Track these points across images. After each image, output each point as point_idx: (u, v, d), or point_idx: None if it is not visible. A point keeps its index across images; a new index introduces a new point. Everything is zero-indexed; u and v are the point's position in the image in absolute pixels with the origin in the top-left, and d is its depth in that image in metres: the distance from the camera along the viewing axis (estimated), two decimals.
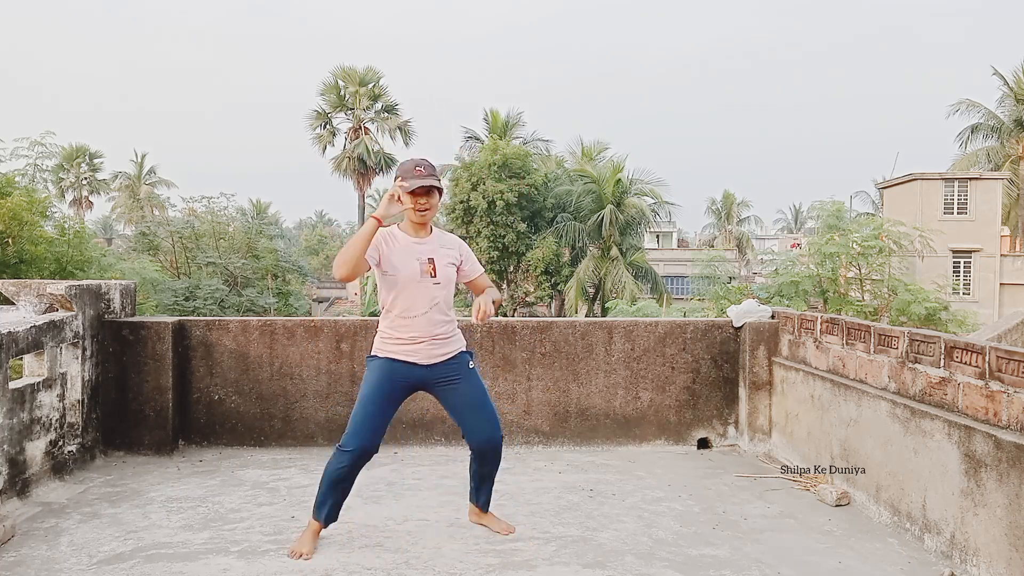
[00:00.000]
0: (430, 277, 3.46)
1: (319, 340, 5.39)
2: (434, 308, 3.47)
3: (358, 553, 3.52)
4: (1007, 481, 3.13)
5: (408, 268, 3.43)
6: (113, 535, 3.72)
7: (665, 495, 4.46)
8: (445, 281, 3.50)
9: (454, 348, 3.58)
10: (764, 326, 5.54)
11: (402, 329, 3.47)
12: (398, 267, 3.43)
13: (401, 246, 3.47)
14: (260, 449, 5.33)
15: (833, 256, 20.21)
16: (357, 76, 41.22)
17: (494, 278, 31.01)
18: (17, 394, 4.20)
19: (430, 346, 3.49)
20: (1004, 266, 30.31)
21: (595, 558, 3.52)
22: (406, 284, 3.43)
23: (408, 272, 3.43)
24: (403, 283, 3.43)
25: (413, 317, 3.44)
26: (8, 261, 14.77)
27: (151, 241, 28.03)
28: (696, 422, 5.60)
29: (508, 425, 5.45)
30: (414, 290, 3.44)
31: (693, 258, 37.81)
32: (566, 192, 32.55)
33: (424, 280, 3.44)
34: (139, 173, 54.70)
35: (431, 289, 3.46)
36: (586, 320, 5.73)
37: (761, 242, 64.69)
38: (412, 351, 3.47)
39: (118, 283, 5.39)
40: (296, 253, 28.35)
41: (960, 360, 3.61)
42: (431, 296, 3.46)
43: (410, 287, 3.44)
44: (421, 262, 3.45)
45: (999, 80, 35.44)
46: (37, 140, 20.60)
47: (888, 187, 33.14)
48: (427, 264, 3.45)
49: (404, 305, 3.45)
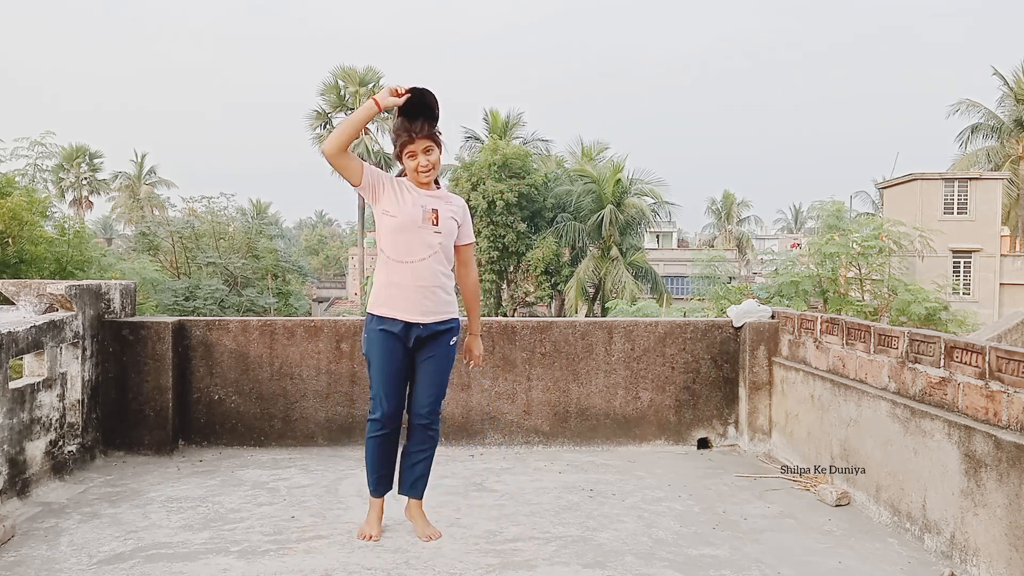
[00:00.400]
0: (432, 224, 3.44)
1: (319, 340, 5.39)
2: (433, 256, 3.44)
3: (358, 553, 3.52)
4: (1007, 481, 3.13)
5: (410, 213, 3.41)
6: (113, 535, 3.71)
7: (665, 495, 4.46)
8: (446, 232, 3.48)
9: (448, 312, 3.54)
10: (764, 326, 5.54)
11: (397, 274, 3.43)
12: (400, 210, 3.41)
13: (407, 192, 3.45)
14: (260, 449, 5.33)
15: (833, 256, 20.23)
16: (357, 76, 41.22)
17: (494, 278, 31.04)
18: (17, 394, 4.20)
19: (424, 296, 3.44)
20: (1004, 266, 30.32)
21: (595, 558, 3.51)
22: (406, 227, 3.41)
23: (409, 216, 3.40)
24: (403, 226, 3.41)
25: (411, 262, 3.42)
26: (8, 261, 14.77)
27: (151, 241, 28.05)
28: (696, 422, 5.60)
29: (508, 425, 5.45)
30: (414, 234, 3.41)
31: (693, 258, 37.84)
32: (566, 192, 32.57)
33: (425, 226, 3.42)
34: (139, 173, 54.73)
35: (432, 236, 3.44)
36: (586, 320, 5.73)
37: (761, 242, 64.72)
38: (406, 301, 3.43)
39: (118, 283, 5.39)
40: (296, 253, 28.40)
41: (960, 360, 3.61)
42: (431, 243, 3.43)
43: (410, 231, 3.41)
44: (424, 209, 3.43)
45: (999, 80, 35.46)
46: (37, 140, 20.66)
47: (888, 187, 33.15)
48: (430, 212, 3.44)
49: (403, 248, 3.42)
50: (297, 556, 3.48)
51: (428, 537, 3.66)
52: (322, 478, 4.68)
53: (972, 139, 36.72)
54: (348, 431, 5.38)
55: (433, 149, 3.43)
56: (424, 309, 3.47)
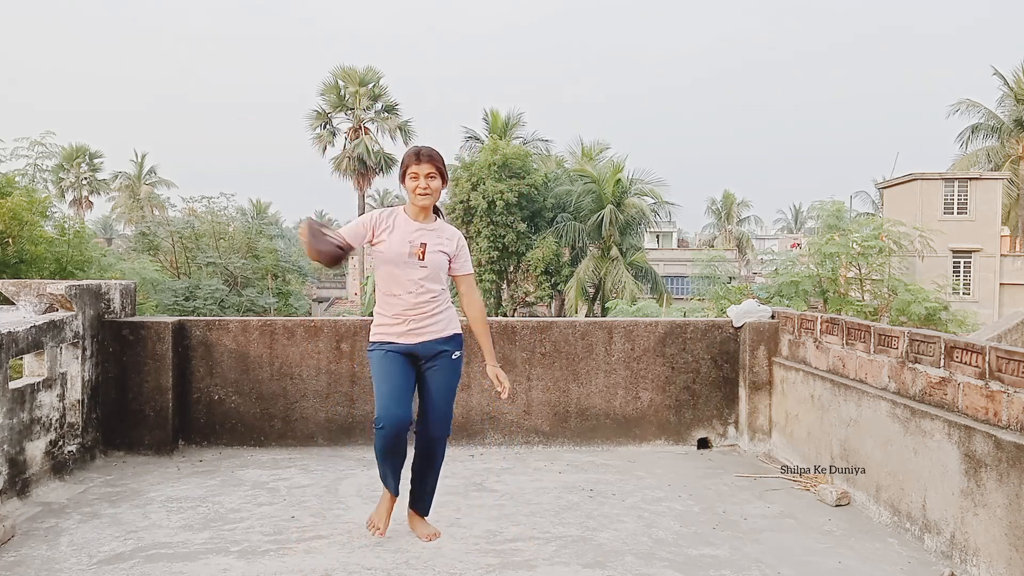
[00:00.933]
0: (417, 260, 3.48)
1: (319, 340, 5.39)
2: (418, 291, 3.49)
3: (358, 553, 3.52)
4: (1007, 481, 3.13)
5: (396, 248, 3.47)
6: (113, 535, 3.72)
7: (665, 495, 4.46)
8: (432, 267, 3.51)
9: (444, 327, 3.57)
10: (764, 326, 5.54)
11: (388, 306, 3.53)
12: (387, 246, 3.48)
13: (398, 226, 3.52)
14: (260, 449, 5.33)
15: (833, 256, 20.22)
16: (357, 76, 41.21)
17: (494, 278, 31.04)
18: (17, 394, 4.20)
19: (415, 323, 3.50)
20: (1004, 266, 30.32)
21: (595, 558, 3.52)
22: (391, 261, 3.48)
23: (395, 251, 3.47)
24: (389, 260, 3.49)
25: (397, 296, 3.50)
26: (8, 261, 14.77)
27: (151, 241, 28.04)
28: (696, 422, 5.60)
29: (508, 425, 5.46)
30: (400, 268, 3.48)
31: (693, 258, 37.85)
32: (566, 192, 32.56)
33: (411, 261, 3.48)
34: (139, 173, 54.72)
35: (417, 271, 3.48)
36: (586, 320, 5.73)
37: (761, 242, 64.73)
38: (399, 332, 3.51)
39: (118, 283, 5.39)
40: (296, 253, 28.32)
41: (960, 360, 3.61)
42: (415, 278, 3.48)
43: (396, 265, 3.48)
44: (412, 244, 3.49)
45: (999, 80, 35.47)
46: (37, 140, 20.60)
47: (888, 187, 33.15)
48: (417, 247, 3.49)
49: (389, 283, 3.52)
50: (297, 556, 3.49)
51: (428, 537, 3.67)
52: (322, 478, 4.68)
53: (972, 139, 36.73)
54: (348, 431, 5.38)
55: (436, 177, 3.50)
56: (419, 335, 3.53)
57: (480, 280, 20.93)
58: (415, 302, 3.50)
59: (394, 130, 42.06)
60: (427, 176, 3.48)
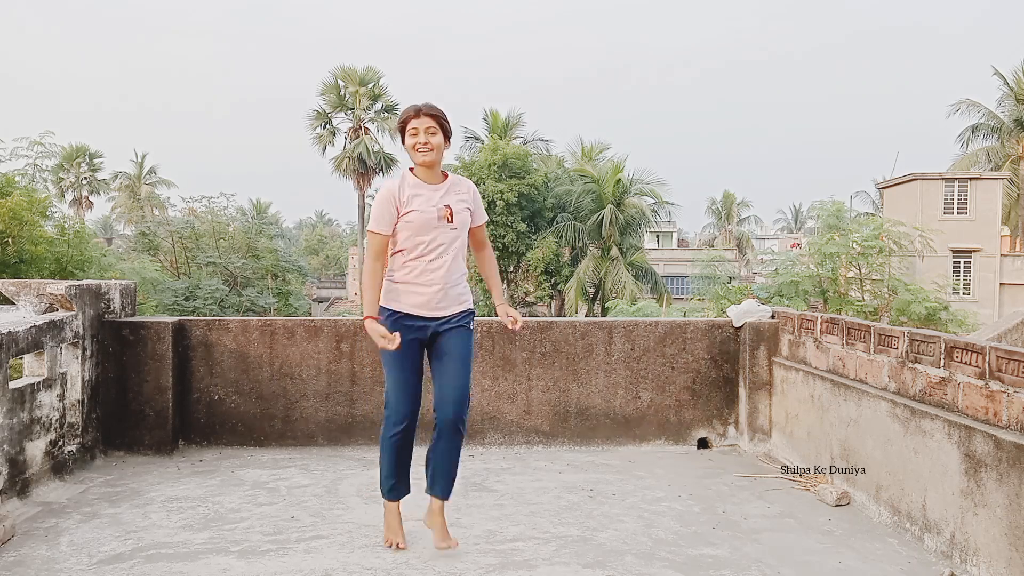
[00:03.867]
0: (447, 222, 3.41)
1: (319, 340, 5.39)
2: (449, 254, 3.43)
3: (358, 553, 3.52)
4: (1007, 481, 3.13)
5: (425, 214, 3.38)
6: (113, 535, 3.72)
7: (665, 495, 4.46)
8: (461, 226, 3.46)
9: (463, 304, 3.52)
10: (764, 326, 5.54)
11: (415, 272, 3.40)
12: (414, 213, 3.37)
13: (417, 192, 3.41)
14: (260, 449, 5.33)
15: (833, 256, 20.23)
16: (357, 76, 41.22)
17: None
18: (17, 394, 4.20)
19: (443, 292, 3.42)
20: (1004, 266, 30.32)
21: (595, 558, 3.51)
22: (422, 228, 3.38)
23: (425, 217, 3.38)
24: (419, 227, 3.38)
25: (429, 260, 3.39)
26: (8, 261, 14.77)
27: (151, 241, 28.05)
28: (696, 422, 5.59)
29: (508, 425, 5.45)
30: (431, 234, 3.39)
31: (693, 258, 37.85)
32: (566, 192, 32.58)
33: (441, 224, 3.40)
34: (139, 173, 54.70)
35: (448, 234, 3.42)
36: (586, 320, 5.73)
37: (761, 242, 64.78)
38: (423, 298, 3.40)
39: (118, 283, 5.39)
40: (296, 253, 28.39)
41: (960, 360, 3.61)
42: (447, 240, 3.42)
43: (426, 231, 3.39)
44: (438, 208, 3.40)
45: (999, 80, 35.47)
46: (37, 140, 20.63)
47: (888, 187, 33.16)
48: (444, 209, 3.41)
49: (420, 248, 3.39)
50: (297, 556, 3.49)
51: (447, 548, 3.48)
52: (322, 478, 4.68)
53: (972, 139, 36.75)
54: (348, 431, 5.38)
55: (437, 132, 3.39)
56: (442, 305, 3.45)
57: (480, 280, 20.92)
58: (445, 268, 3.41)
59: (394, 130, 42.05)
60: (427, 131, 3.36)
